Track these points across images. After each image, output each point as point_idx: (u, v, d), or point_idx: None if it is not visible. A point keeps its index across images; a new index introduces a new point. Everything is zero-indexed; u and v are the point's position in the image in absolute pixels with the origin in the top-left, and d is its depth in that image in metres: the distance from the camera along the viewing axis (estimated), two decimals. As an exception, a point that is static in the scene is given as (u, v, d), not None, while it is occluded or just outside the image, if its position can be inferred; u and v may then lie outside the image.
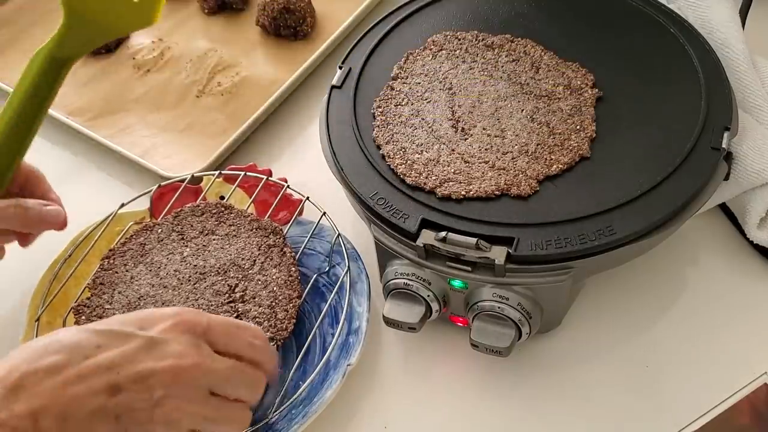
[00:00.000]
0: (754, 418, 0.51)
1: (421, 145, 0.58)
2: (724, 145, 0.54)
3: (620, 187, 0.53)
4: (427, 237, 0.53)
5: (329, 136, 0.60)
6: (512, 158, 0.56)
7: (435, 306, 0.55)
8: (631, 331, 0.59)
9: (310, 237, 0.62)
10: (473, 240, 0.52)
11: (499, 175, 0.55)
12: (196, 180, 0.67)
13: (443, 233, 0.52)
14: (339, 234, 0.62)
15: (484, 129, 0.58)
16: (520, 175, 0.55)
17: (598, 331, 0.59)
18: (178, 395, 0.45)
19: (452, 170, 0.56)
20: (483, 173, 0.55)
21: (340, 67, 0.64)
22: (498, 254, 0.51)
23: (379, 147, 0.58)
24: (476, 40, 0.63)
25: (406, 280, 0.55)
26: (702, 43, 0.60)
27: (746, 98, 0.61)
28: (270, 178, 0.65)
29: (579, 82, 0.59)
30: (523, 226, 0.52)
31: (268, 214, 0.64)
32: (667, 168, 0.54)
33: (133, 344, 0.45)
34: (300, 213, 0.64)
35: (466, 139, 0.58)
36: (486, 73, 0.61)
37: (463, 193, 0.55)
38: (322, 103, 0.63)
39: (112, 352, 0.44)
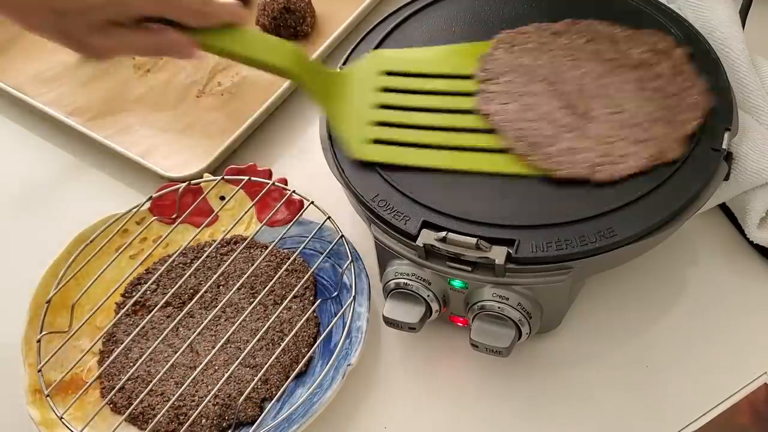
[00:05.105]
0: (754, 418, 0.51)
1: (550, 136, 0.56)
2: (724, 146, 0.54)
3: (620, 188, 0.53)
4: (427, 237, 0.53)
5: (329, 136, 0.60)
6: (646, 128, 0.55)
7: (435, 306, 0.55)
8: (630, 331, 0.59)
9: (311, 238, 0.62)
10: (473, 240, 0.52)
11: (645, 147, 0.54)
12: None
13: (443, 233, 0.52)
14: (342, 235, 0.62)
15: (602, 109, 0.57)
16: (665, 141, 0.54)
17: (598, 331, 0.59)
18: None
19: (596, 154, 0.54)
20: (626, 150, 0.54)
21: (341, 68, 0.64)
22: (498, 254, 0.51)
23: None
24: (541, 30, 0.62)
25: (406, 280, 0.55)
26: (702, 43, 0.60)
27: (746, 98, 0.61)
28: (276, 183, 0.65)
29: (663, 45, 0.59)
30: (524, 228, 0.52)
31: (269, 216, 0.64)
32: (668, 169, 0.54)
33: None
34: (301, 214, 0.64)
35: (590, 122, 0.56)
36: (570, 57, 0.60)
37: (617, 174, 0.53)
38: (323, 104, 0.63)
39: None
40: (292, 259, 0.62)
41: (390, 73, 0.62)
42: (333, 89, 0.61)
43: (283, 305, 0.59)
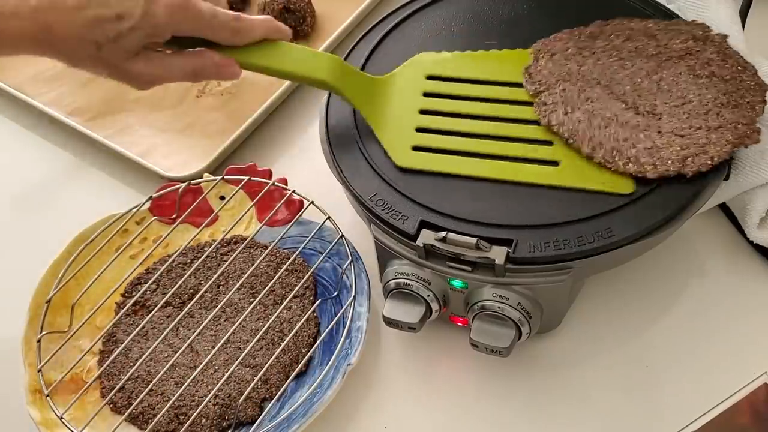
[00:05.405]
0: (754, 418, 0.51)
1: (627, 139, 0.55)
2: (724, 146, 0.54)
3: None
4: (427, 237, 0.53)
5: (329, 136, 0.60)
6: (717, 115, 0.55)
7: (435, 306, 0.55)
8: (630, 331, 0.59)
9: (311, 238, 0.62)
10: (473, 240, 0.52)
11: (721, 134, 0.54)
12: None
13: (443, 233, 0.52)
14: (342, 235, 0.62)
15: (665, 103, 0.56)
16: (740, 127, 0.54)
17: (597, 331, 0.59)
18: None
19: (676, 148, 0.54)
20: (706, 139, 0.54)
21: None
22: (498, 254, 0.51)
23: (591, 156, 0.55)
24: (576, 36, 0.62)
25: (406, 280, 0.55)
26: (702, 43, 0.60)
27: (746, 98, 0.61)
28: (276, 183, 0.65)
29: (700, 32, 0.59)
30: (522, 228, 0.52)
31: (269, 216, 0.64)
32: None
33: None
34: (301, 214, 0.64)
35: (659, 118, 0.56)
36: (615, 57, 0.59)
37: (709, 163, 0.53)
38: (322, 104, 0.63)
39: None
40: (292, 259, 0.62)
41: (431, 78, 0.62)
42: (374, 96, 0.60)
43: (283, 305, 0.59)
